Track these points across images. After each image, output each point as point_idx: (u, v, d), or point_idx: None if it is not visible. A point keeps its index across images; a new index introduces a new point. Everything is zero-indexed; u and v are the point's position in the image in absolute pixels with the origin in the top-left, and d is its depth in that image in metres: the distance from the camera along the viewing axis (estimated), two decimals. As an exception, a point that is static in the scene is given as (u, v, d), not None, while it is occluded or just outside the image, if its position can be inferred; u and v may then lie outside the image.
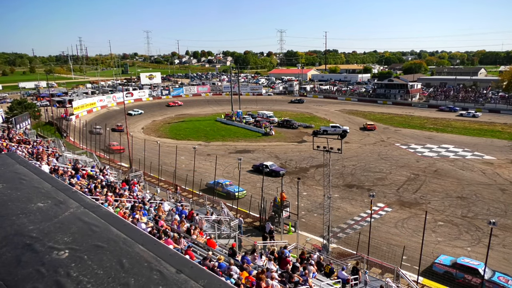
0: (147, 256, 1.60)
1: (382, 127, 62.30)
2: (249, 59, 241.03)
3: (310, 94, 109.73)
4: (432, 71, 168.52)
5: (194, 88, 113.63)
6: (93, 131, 55.12)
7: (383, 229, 25.86)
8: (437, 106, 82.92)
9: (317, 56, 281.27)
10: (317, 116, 73.40)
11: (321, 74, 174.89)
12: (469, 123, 64.75)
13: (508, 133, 56.12)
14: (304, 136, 56.22)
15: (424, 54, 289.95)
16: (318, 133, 39.46)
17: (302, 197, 31.61)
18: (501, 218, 26.71)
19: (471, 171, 38.28)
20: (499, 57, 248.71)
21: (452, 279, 19.68)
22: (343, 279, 16.78)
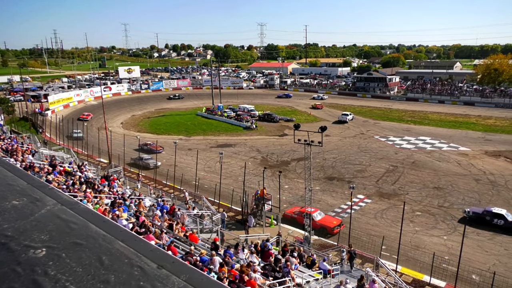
0: (128, 252, 1.58)
1: (362, 120, 63.24)
2: (230, 52, 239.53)
3: (291, 87, 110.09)
4: (409, 64, 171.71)
5: (174, 82, 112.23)
6: (72, 135, 49.86)
7: (363, 220, 26.36)
8: (415, 99, 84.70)
9: (297, 50, 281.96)
10: (298, 110, 73.80)
11: (302, 67, 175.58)
12: (445, 115, 66.45)
13: (482, 125, 57.92)
14: (285, 129, 56.49)
15: (402, 48, 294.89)
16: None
17: (284, 190, 31.83)
18: (475, 207, 27.60)
19: (447, 162, 39.38)
20: (474, 51, 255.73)
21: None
22: (324, 270, 17.07)
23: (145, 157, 39.36)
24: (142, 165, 38.32)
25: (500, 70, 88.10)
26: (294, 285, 14.39)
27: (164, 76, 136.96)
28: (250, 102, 79.55)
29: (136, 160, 39.26)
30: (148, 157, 39.71)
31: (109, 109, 70.46)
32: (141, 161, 38.57)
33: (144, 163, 38.61)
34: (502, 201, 29.08)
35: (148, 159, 39.31)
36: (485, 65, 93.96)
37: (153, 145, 44.63)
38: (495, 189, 31.74)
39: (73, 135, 50.18)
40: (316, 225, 24.59)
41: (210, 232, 21.80)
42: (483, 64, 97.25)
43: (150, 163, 38.77)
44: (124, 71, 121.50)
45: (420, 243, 23.07)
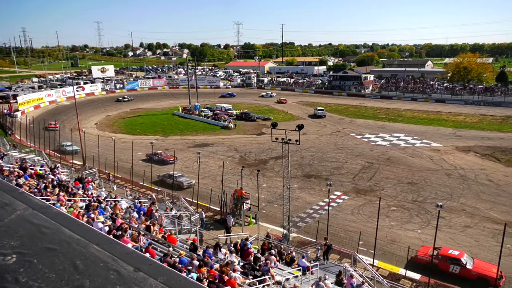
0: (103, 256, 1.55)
1: (338, 118, 64.18)
2: (206, 51, 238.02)
3: (268, 86, 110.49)
4: (383, 63, 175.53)
5: (149, 82, 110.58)
6: (65, 149, 43.54)
7: (341, 217, 26.78)
8: (389, 97, 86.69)
9: (274, 49, 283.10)
10: (275, 109, 74.15)
11: (279, 66, 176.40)
12: (418, 112, 68.29)
13: (453, 121, 59.91)
14: (263, 128, 56.64)
15: (376, 47, 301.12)
16: None
17: (262, 188, 31.92)
18: (447, 201, 28.56)
19: (420, 158, 40.51)
20: (444, 50, 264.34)
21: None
22: (303, 267, 17.24)
23: (176, 174, 33.19)
24: (174, 184, 32.21)
25: (469, 69, 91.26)
26: (273, 283, 14.48)
27: (140, 76, 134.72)
28: (227, 101, 79.34)
29: (164, 178, 33.75)
30: (178, 174, 33.87)
31: (83, 109, 68.70)
32: (172, 180, 32.45)
33: (177, 182, 32.57)
34: (472, 195, 30.19)
35: (180, 177, 33.44)
36: (455, 63, 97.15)
37: (165, 155, 40.34)
38: (466, 183, 32.90)
39: (65, 148, 43.59)
40: (470, 274, 18.77)
41: (188, 233, 21.62)
42: (453, 62, 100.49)
43: (184, 181, 32.90)
44: (97, 71, 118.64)
45: (396, 237, 23.65)
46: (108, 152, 38.29)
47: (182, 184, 32.64)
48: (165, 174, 34.29)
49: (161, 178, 33.56)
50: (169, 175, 33.24)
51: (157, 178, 33.56)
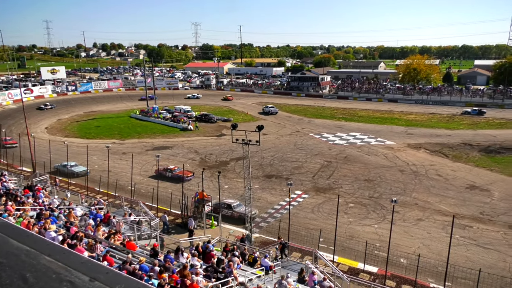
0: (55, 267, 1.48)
1: (297, 118, 65.34)
2: (164, 52, 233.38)
3: (227, 87, 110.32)
4: (339, 64, 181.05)
5: (104, 83, 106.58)
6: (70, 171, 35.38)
7: (301, 215, 27.28)
8: (345, 97, 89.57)
9: (233, 50, 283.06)
10: (235, 110, 74.17)
11: (238, 67, 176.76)
12: (372, 112, 71.07)
13: (405, 120, 62.94)
14: (223, 129, 56.45)
15: (332, 49, 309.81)
16: None
17: (224, 190, 31.81)
18: (401, 196, 29.96)
19: (375, 156, 42.18)
20: (395, 52, 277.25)
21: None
22: (266, 267, 17.37)
23: (233, 203, 27.85)
24: (235, 216, 26.66)
25: (418, 70, 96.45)
26: (237, 284, 14.47)
27: (93, 77, 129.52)
28: (186, 103, 78.31)
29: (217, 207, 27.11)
30: (235, 202, 28.05)
31: (31, 113, 64.99)
32: (232, 211, 27.00)
33: (239, 214, 26.53)
34: (423, 189, 31.88)
35: (238, 206, 27.23)
36: (406, 65, 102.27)
37: (180, 170, 33.30)
38: (417, 178, 34.68)
39: (71, 170, 35.47)
40: None
41: (149, 238, 21.09)
42: (404, 64, 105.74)
43: (239, 210, 26.69)
44: (47, 72, 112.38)
45: (354, 233, 24.46)
46: (60, 158, 36.48)
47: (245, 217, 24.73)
48: (221, 203, 27.76)
49: (213, 208, 27.25)
50: (226, 205, 27.45)
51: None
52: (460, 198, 30.11)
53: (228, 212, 27.12)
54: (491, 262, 20.76)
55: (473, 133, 51.88)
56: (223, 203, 27.78)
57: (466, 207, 28.43)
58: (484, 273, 17.64)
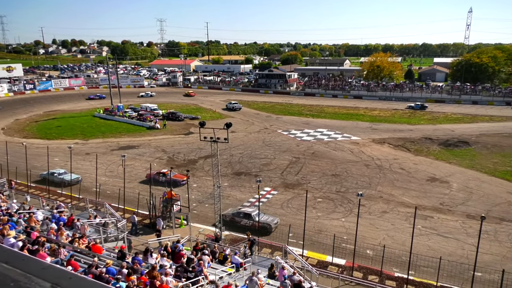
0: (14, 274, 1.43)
1: (265, 115, 65.69)
2: (128, 49, 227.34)
3: (195, 85, 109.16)
4: (306, 62, 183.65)
5: (65, 81, 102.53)
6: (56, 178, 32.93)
7: (271, 211, 27.49)
8: (312, 94, 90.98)
9: (199, 47, 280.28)
10: (203, 107, 73.54)
11: (205, 65, 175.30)
12: (338, 108, 72.64)
13: (369, 116, 64.80)
14: (191, 127, 55.84)
15: (299, 46, 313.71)
16: None
17: (193, 189, 31.54)
18: (366, 190, 30.88)
19: (342, 151, 43.19)
20: (360, 50, 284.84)
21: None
22: (236, 264, 17.41)
23: (252, 211, 25.44)
24: (259, 227, 24.02)
25: (381, 67, 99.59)
26: (207, 282, 14.40)
27: (54, 75, 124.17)
28: (152, 101, 76.78)
29: (236, 217, 25.24)
30: (252, 210, 25.80)
31: (-14, 113, 61.41)
32: (252, 221, 24.67)
33: (262, 224, 24.20)
34: (387, 182, 33.00)
35: (257, 214, 24.51)
36: (369, 62, 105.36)
37: (174, 173, 32.11)
38: (382, 172, 35.85)
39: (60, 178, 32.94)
40: None
41: (116, 240, 20.57)
42: (368, 61, 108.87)
43: (270, 222, 24.51)
44: (2, 70, 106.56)
45: (322, 227, 24.98)
46: (19, 160, 34.75)
47: (269, 226, 24.23)
48: (237, 211, 25.68)
49: (229, 218, 25.45)
50: (244, 214, 25.24)
51: (226, 218, 25.37)
52: (421, 190, 31.44)
53: (248, 222, 24.65)
54: (450, 250, 21.84)
55: (433, 128, 54.24)
56: (240, 213, 25.45)
57: (427, 198, 29.72)
58: (444, 261, 18.54)
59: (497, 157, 39.98)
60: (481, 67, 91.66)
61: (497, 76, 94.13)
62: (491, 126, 54.67)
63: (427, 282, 18.85)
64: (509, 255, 21.40)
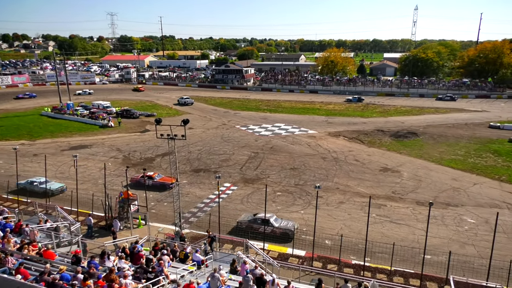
0: None
1: (223, 111, 65.37)
2: (77, 44, 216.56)
3: (150, 81, 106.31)
4: (262, 57, 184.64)
5: (7, 78, 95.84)
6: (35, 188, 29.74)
7: (231, 207, 27.49)
8: (269, 89, 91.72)
9: (154, 42, 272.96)
10: (159, 104, 71.83)
11: (160, 60, 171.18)
12: (295, 103, 73.82)
13: (325, 110, 66.46)
14: (147, 125, 54.36)
15: (255, 42, 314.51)
16: None
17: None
18: (324, 182, 31.73)
19: (299, 145, 43.99)
20: (315, 45, 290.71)
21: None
22: (198, 261, 17.24)
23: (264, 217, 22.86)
24: (278, 234, 22.80)
25: (335, 62, 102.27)
26: (168, 282, 14.14)
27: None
28: (105, 98, 73.83)
29: (252, 224, 23.33)
30: (270, 215, 23.66)
31: None
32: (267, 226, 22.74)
33: (281, 230, 22.85)
34: (343, 174, 34.09)
35: (276, 220, 23.43)
36: (324, 57, 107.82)
37: (161, 176, 31.45)
38: (338, 164, 36.96)
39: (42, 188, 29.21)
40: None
41: (69, 245, 19.62)
42: (322, 56, 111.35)
43: (289, 226, 23.07)
44: None
45: (282, 220, 25.32)
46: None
47: (291, 232, 22.76)
48: (253, 218, 23.76)
49: (245, 225, 23.59)
50: (262, 221, 22.99)
51: (241, 226, 23.69)
52: (375, 180, 32.80)
53: (267, 228, 22.68)
54: (402, 236, 23.01)
55: (384, 120, 56.69)
56: (257, 219, 23.39)
57: (381, 187, 31.08)
58: (397, 246, 19.50)
59: (443, 146, 42.59)
60: (426, 62, 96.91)
61: (441, 70, 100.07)
62: (436, 118, 58.10)
63: (382, 267, 19.75)
64: (454, 237, 22.93)
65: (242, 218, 24.27)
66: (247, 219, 23.86)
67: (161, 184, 30.89)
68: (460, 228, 24.18)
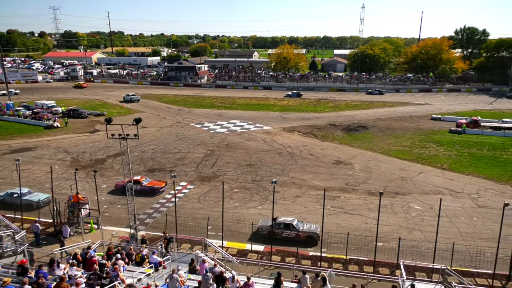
0: None
1: (177, 109, 64.17)
2: (16, 40, 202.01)
3: (98, 79, 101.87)
4: (216, 53, 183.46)
5: None
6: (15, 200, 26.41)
7: (188, 206, 27.11)
8: (223, 86, 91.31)
9: (101, 38, 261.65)
10: (109, 103, 69.04)
11: (108, 57, 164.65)
12: (250, 99, 74.10)
13: (279, 106, 67.37)
14: (96, 125, 52.06)
15: (208, 38, 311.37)
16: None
17: (102, 190, 29.59)
18: (280, 177, 32.19)
19: (255, 141, 44.26)
20: (267, 42, 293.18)
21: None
22: (155, 263, 16.84)
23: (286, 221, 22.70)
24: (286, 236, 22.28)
25: (288, 58, 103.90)
26: (125, 286, 13.69)
27: None
28: (49, 97, 69.69)
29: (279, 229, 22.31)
30: (292, 219, 23.08)
31: None
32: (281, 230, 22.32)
33: (310, 234, 22.23)
34: (299, 168, 34.79)
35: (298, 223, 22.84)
36: (277, 54, 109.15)
37: (149, 180, 29.91)
38: (293, 159, 37.66)
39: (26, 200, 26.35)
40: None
41: (14, 255, 18.36)
42: (275, 53, 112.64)
43: (305, 229, 22.54)
44: None
45: (240, 216, 25.42)
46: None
47: (316, 235, 22.08)
48: (275, 223, 22.45)
49: (267, 231, 22.44)
50: (285, 225, 22.45)
51: (262, 232, 22.72)
52: (329, 173, 33.82)
53: (291, 233, 22.31)
54: (356, 225, 23.94)
55: (336, 115, 58.54)
56: (280, 223, 22.52)
57: (334, 180, 32.10)
58: (351, 236, 20.25)
59: (390, 138, 44.80)
60: (374, 58, 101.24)
61: (387, 66, 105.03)
62: (384, 111, 60.96)
63: (338, 257, 20.45)
64: (403, 224, 24.25)
65: (262, 224, 23.24)
66: (268, 225, 22.66)
67: (150, 189, 29.25)
68: (408, 215, 25.61)
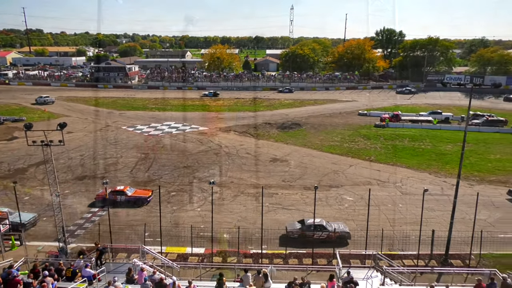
0: None
1: (106, 112, 60.94)
2: None
3: (15, 81, 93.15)
4: (147, 53, 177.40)
5: None
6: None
7: (123, 213, 25.86)
8: (156, 87, 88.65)
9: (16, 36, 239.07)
10: (28, 107, 63.40)
11: (26, 57, 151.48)
12: (184, 100, 72.81)
13: (215, 106, 67.11)
14: (14, 131, 47.53)
15: (137, 37, 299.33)
16: None
17: (24, 202, 27.11)
18: (218, 177, 32.08)
19: (191, 142, 43.59)
20: (200, 41, 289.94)
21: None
22: (88, 277, 15.80)
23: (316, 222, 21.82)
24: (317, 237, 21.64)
25: (221, 58, 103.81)
26: (54, 305, 12.67)
27: None
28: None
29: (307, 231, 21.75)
30: (320, 220, 22.43)
31: None
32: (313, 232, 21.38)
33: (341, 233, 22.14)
34: (236, 168, 34.94)
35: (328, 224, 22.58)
36: (210, 54, 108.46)
37: (134, 190, 27.87)
38: (231, 158, 37.72)
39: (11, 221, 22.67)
40: None
41: None
42: (208, 53, 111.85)
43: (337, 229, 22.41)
44: None
45: (179, 220, 24.85)
46: None
47: (347, 235, 22.22)
48: (305, 225, 22.22)
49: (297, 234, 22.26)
50: (315, 226, 21.74)
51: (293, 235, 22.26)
52: (266, 170, 34.43)
53: (322, 234, 21.98)
54: (294, 220, 24.63)
55: (271, 113, 59.79)
56: (310, 226, 21.82)
57: (272, 177, 32.76)
58: (290, 231, 20.79)
59: (322, 134, 46.87)
60: (304, 57, 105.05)
61: (316, 65, 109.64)
62: (315, 109, 63.61)
63: (278, 252, 20.92)
64: (337, 215, 25.50)
65: (291, 227, 22.77)
66: (297, 227, 22.52)
67: (136, 199, 27.28)
68: (341, 206, 27.00)
